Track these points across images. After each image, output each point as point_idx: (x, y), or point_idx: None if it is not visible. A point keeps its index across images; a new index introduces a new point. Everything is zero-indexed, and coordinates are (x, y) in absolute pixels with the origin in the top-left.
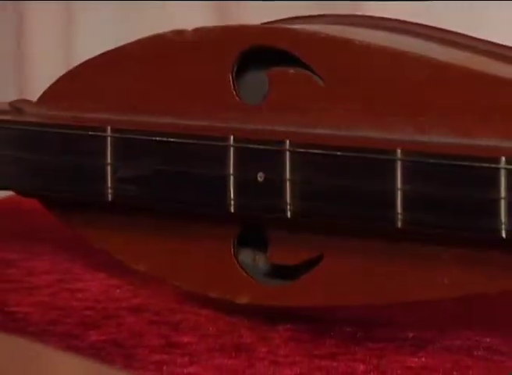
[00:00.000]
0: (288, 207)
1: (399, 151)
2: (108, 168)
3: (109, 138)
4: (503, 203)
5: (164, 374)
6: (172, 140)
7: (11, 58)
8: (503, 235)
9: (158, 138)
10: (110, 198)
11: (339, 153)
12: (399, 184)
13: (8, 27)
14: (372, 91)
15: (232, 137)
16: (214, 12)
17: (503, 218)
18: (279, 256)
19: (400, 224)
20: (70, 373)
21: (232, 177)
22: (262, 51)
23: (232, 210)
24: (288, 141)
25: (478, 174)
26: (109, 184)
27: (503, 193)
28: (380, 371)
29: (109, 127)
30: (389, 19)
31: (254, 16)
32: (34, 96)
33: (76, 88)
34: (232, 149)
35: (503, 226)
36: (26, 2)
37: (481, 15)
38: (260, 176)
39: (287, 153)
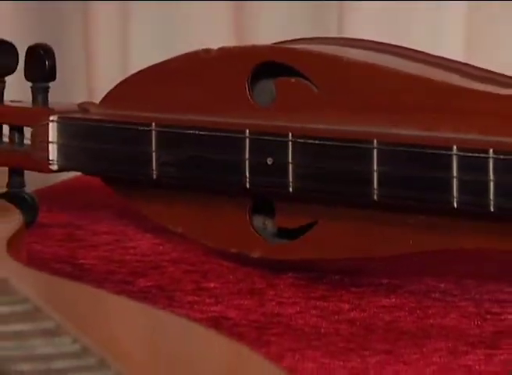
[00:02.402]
0: (290, 184)
1: (375, 141)
2: (153, 154)
3: (154, 132)
4: (454, 181)
5: (195, 312)
6: (201, 133)
7: (81, 63)
8: (455, 206)
9: (191, 131)
10: (155, 177)
11: (329, 143)
12: (375, 167)
13: (76, 30)
14: (356, 95)
15: (247, 131)
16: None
17: (454, 192)
18: (283, 221)
19: (375, 197)
20: (124, 312)
21: (247, 161)
22: (271, 65)
23: (248, 186)
24: (291, 134)
25: (436, 159)
26: (154, 167)
27: (454, 173)
28: (361, 309)
29: (154, 123)
30: (370, 41)
31: (263, 15)
32: (98, 98)
33: (129, 93)
34: (247, 140)
35: (455, 199)
36: (91, 3)
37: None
38: (269, 161)
39: (290, 143)
